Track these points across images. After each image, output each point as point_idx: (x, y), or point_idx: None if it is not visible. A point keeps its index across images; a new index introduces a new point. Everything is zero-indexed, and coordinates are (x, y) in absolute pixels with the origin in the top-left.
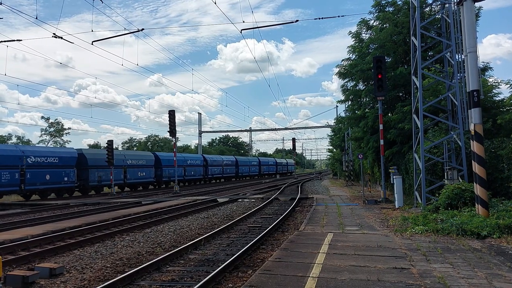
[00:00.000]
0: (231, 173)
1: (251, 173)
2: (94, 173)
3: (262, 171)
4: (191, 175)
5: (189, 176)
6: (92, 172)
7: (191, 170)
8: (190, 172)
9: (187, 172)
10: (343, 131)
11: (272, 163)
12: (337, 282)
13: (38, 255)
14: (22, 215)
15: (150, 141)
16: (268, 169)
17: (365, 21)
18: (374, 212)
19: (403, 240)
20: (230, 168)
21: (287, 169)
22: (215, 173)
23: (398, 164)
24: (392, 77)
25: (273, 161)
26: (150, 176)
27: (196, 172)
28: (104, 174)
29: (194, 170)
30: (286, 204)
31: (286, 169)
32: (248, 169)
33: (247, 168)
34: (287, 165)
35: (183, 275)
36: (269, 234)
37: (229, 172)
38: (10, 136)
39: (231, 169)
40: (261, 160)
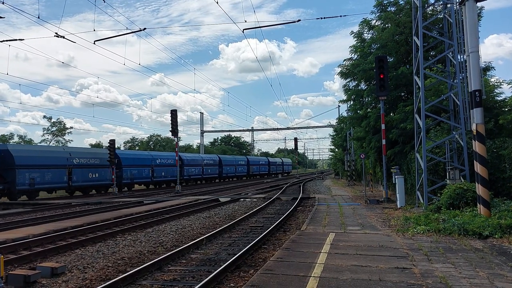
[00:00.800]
0: (213, 173)
1: (237, 174)
2: (127, 172)
3: (251, 171)
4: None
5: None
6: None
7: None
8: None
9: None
10: (345, 130)
11: (263, 162)
12: (339, 282)
13: (39, 255)
14: (24, 215)
15: (152, 141)
16: (258, 170)
17: (367, 21)
18: (376, 212)
19: (405, 240)
20: (212, 168)
21: (282, 169)
22: (193, 174)
23: (400, 164)
24: (394, 77)
25: (264, 161)
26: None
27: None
28: (137, 172)
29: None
30: (288, 203)
31: (281, 169)
32: (234, 169)
33: (232, 169)
34: (282, 165)
35: (184, 275)
36: (271, 233)
37: (210, 173)
38: (12, 136)
39: (213, 169)
40: (250, 159)
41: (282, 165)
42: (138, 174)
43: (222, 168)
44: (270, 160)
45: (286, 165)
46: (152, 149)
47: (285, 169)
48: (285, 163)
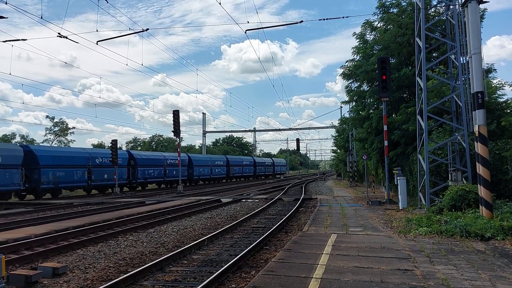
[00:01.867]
0: (221, 174)
1: (214, 176)
2: (142, 171)
3: (231, 173)
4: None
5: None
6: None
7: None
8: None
9: None
10: (347, 131)
11: (248, 162)
12: (340, 283)
13: (41, 255)
14: (26, 215)
15: (154, 141)
16: (241, 171)
17: (369, 22)
18: (378, 213)
19: (406, 241)
20: (220, 168)
21: (273, 170)
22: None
23: (402, 165)
24: (396, 78)
25: (249, 160)
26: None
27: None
28: (152, 171)
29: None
30: (290, 204)
31: (271, 171)
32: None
33: (207, 170)
34: (272, 166)
35: (186, 275)
36: (272, 234)
37: (175, 175)
38: (14, 135)
39: (183, 171)
40: (230, 159)
41: (273, 166)
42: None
43: (193, 169)
44: (256, 160)
45: (278, 165)
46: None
47: (277, 170)
48: (277, 163)
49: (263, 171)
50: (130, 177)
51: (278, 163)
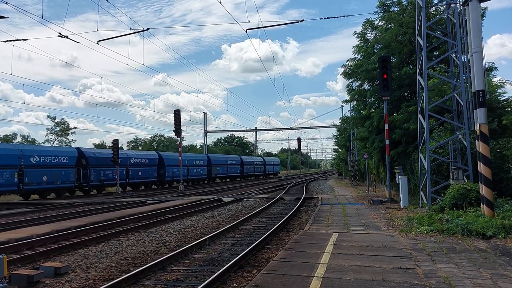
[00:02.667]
0: (151, 177)
1: (191, 177)
2: (169, 171)
3: (213, 173)
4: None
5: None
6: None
7: None
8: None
9: None
10: (348, 131)
11: (234, 162)
12: (342, 282)
13: (43, 254)
14: (27, 214)
15: (156, 141)
16: (225, 171)
17: (370, 21)
18: (379, 212)
19: (408, 240)
20: (235, 168)
21: (263, 170)
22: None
23: (404, 164)
24: (397, 77)
25: (235, 160)
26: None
27: None
28: (176, 171)
29: None
30: (291, 203)
31: (261, 170)
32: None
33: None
34: (263, 165)
35: (188, 275)
36: (274, 233)
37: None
38: (15, 135)
39: (152, 171)
40: (212, 158)
41: (264, 166)
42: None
43: (165, 170)
44: (244, 159)
45: (269, 165)
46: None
47: (269, 169)
48: (269, 162)
49: (252, 171)
50: (81, 179)
51: (270, 162)
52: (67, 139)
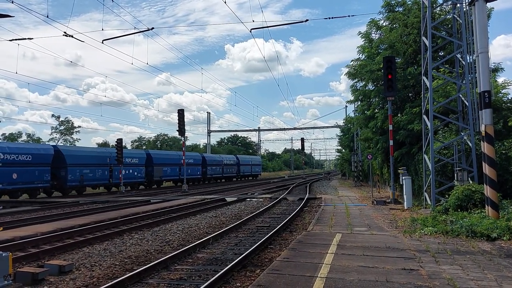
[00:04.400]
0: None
1: (131, 180)
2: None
3: (156, 175)
4: None
5: None
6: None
7: None
8: None
9: None
10: (352, 131)
11: (192, 161)
12: (345, 282)
13: (47, 252)
14: (32, 213)
15: (159, 140)
16: (175, 172)
17: (374, 21)
18: (383, 213)
19: (412, 241)
20: (135, 169)
21: (237, 171)
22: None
23: (408, 165)
24: (402, 78)
25: (194, 158)
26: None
27: None
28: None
29: None
30: (294, 204)
31: (234, 171)
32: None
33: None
34: (237, 165)
35: (191, 274)
36: (277, 233)
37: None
38: (20, 134)
39: (140, 170)
40: (154, 155)
41: (237, 165)
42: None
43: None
44: (207, 157)
45: (246, 164)
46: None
47: (246, 170)
48: (244, 162)
49: (219, 173)
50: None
51: (246, 161)
52: (71, 138)
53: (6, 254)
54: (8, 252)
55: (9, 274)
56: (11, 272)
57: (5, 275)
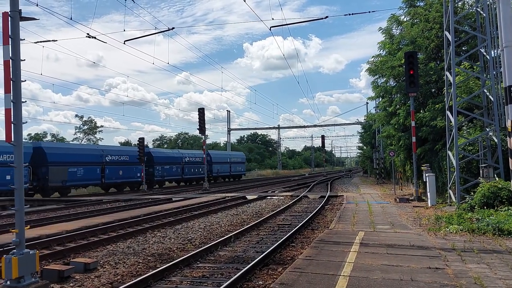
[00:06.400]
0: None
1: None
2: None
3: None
4: None
5: None
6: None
7: None
8: None
9: None
10: (373, 128)
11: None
12: (369, 281)
13: (73, 250)
14: (58, 211)
15: (180, 139)
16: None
17: (395, 17)
18: (406, 210)
19: (436, 239)
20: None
21: (209, 171)
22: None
23: (431, 161)
24: (424, 73)
25: (170, 156)
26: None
27: None
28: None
29: None
30: (316, 202)
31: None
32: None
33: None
34: (209, 164)
35: (213, 272)
36: (298, 232)
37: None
38: (45, 134)
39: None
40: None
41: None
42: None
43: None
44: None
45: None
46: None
47: (223, 169)
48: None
49: (174, 174)
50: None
51: (220, 158)
52: (94, 138)
53: (33, 252)
54: (35, 250)
55: (36, 272)
56: (38, 269)
57: (32, 272)
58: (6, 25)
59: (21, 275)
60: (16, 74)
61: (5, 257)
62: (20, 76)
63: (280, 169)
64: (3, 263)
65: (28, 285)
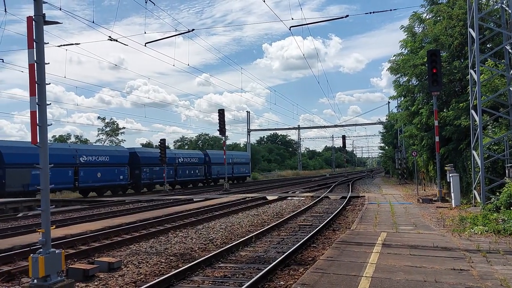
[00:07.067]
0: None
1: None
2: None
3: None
4: None
5: None
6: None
7: None
8: None
9: None
10: (395, 128)
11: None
12: (392, 282)
13: (97, 250)
14: (82, 211)
15: (201, 140)
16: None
17: (417, 15)
18: (429, 211)
19: (461, 240)
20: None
21: (204, 173)
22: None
23: (455, 161)
24: (447, 72)
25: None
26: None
27: None
28: (159, 171)
29: None
30: (337, 202)
31: (200, 174)
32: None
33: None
34: (206, 165)
35: (235, 272)
36: (319, 232)
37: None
38: (69, 136)
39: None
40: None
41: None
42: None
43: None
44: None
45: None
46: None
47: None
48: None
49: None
50: None
51: (220, 159)
52: (117, 139)
53: (59, 251)
54: (60, 249)
55: (62, 270)
56: (63, 268)
57: (58, 271)
58: (30, 29)
59: (47, 274)
60: (41, 77)
61: (32, 256)
62: (45, 79)
63: (300, 169)
64: (30, 262)
65: (54, 284)
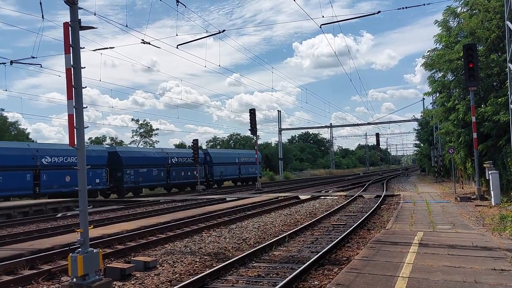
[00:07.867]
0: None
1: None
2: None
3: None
4: None
5: None
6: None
7: None
8: None
9: None
10: (431, 124)
11: None
12: (430, 282)
13: (133, 249)
14: (118, 211)
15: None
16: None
17: (451, 9)
18: (467, 209)
19: (501, 240)
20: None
21: (209, 173)
22: None
23: (494, 158)
24: (485, 66)
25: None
26: None
27: None
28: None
29: None
30: (371, 201)
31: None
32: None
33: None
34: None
35: (268, 271)
36: (354, 232)
37: None
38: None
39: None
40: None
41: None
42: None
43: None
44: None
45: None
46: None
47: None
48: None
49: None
50: None
51: (224, 158)
52: (150, 140)
53: (96, 250)
54: (98, 248)
55: (99, 269)
56: (101, 267)
57: (96, 270)
58: (67, 34)
59: (86, 272)
60: (77, 81)
61: (71, 256)
62: (81, 83)
63: (333, 168)
64: (69, 261)
65: (92, 282)
